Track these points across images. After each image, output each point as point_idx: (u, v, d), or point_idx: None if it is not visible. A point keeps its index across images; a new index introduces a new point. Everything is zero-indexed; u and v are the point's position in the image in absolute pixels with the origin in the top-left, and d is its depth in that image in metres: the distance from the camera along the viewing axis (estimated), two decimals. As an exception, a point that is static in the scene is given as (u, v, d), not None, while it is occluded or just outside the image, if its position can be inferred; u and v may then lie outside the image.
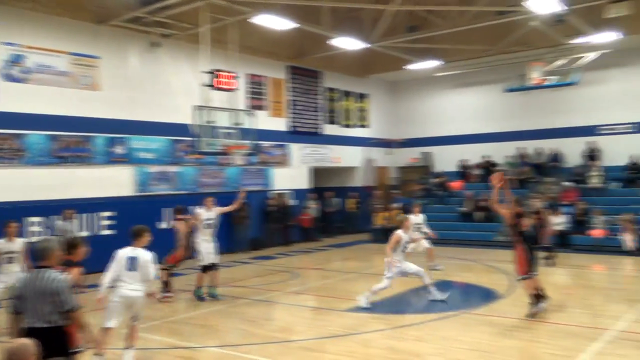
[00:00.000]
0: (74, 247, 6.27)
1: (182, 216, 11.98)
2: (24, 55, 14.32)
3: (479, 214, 20.33)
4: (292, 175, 21.87)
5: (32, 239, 11.98)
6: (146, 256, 7.28)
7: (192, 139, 14.52)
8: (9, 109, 14.06)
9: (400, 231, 10.38)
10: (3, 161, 13.92)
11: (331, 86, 23.86)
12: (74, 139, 15.18)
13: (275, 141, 21.03)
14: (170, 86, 15.89)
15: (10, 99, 14.04)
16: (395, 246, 10.28)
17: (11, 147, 14.10)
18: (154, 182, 17.05)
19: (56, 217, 13.41)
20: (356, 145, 24.91)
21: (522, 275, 9.45)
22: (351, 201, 23.70)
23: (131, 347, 7.35)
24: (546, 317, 9.34)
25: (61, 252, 5.50)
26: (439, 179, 23.32)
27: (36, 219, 13.93)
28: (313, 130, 22.87)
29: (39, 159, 14.52)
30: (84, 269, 7.61)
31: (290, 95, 21.85)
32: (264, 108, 20.52)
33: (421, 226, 14.03)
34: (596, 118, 21.50)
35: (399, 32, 20.02)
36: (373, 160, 25.73)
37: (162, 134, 17.25)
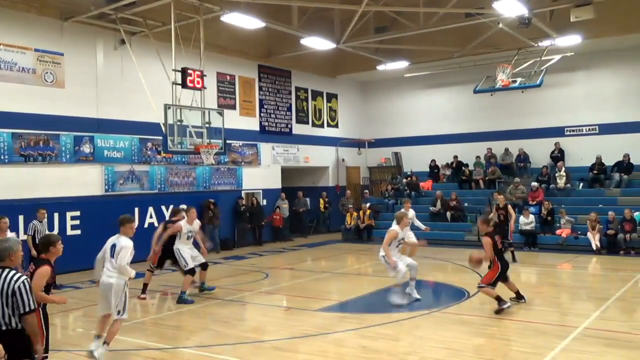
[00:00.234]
0: (48, 245, 6.11)
1: (175, 218, 11.86)
2: (-14, 51, 13.94)
3: (449, 214, 20.52)
4: (262, 175, 21.75)
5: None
6: (123, 243, 7.43)
7: (161, 137, 14.32)
8: (-29, 106, 13.67)
9: (397, 227, 10.40)
10: (-36, 160, 13.54)
11: (301, 86, 23.81)
12: (38, 137, 14.81)
13: (245, 140, 20.89)
14: (138, 84, 15.60)
15: (-28, 95, 13.65)
16: (392, 242, 10.32)
17: (-27, 146, 13.71)
18: (122, 181, 16.75)
19: (22, 217, 13.08)
20: (326, 145, 24.91)
21: (484, 284, 9.70)
22: (322, 201, 23.68)
23: (101, 338, 7.35)
24: (516, 315, 9.47)
25: (22, 252, 5.34)
26: (409, 178, 23.47)
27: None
28: (283, 130, 22.79)
29: (1, 157, 14.11)
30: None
31: (260, 94, 21.73)
32: (234, 107, 20.38)
33: (412, 221, 14.01)
34: (562, 119, 21.93)
35: (368, 32, 20.13)
36: (343, 160, 25.79)
37: (131, 133, 16.96)
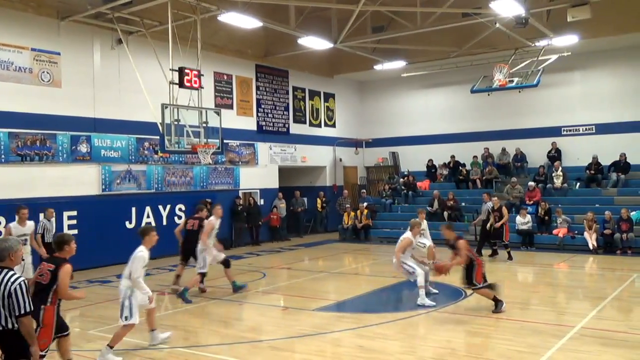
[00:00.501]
0: (63, 244, 6.13)
1: (198, 215, 12.32)
2: (-17, 51, 13.91)
3: (446, 214, 20.53)
4: (260, 174, 21.73)
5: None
6: (135, 253, 7.54)
7: (158, 137, 14.30)
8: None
9: (410, 235, 10.58)
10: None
11: (298, 85, 23.81)
12: (35, 137, 14.79)
13: (243, 140, 20.88)
14: (135, 84, 15.58)
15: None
16: (406, 249, 10.53)
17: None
18: (119, 181, 16.73)
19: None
20: (323, 145, 24.91)
21: (479, 284, 9.72)
22: (319, 201, 23.69)
23: (155, 330, 7.96)
24: (512, 315, 9.48)
25: (22, 252, 5.35)
26: (406, 178, 23.47)
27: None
28: (280, 130, 22.79)
29: (-2, 157, 14.12)
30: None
31: (257, 94, 21.73)
32: (231, 107, 20.38)
33: (425, 232, 14.18)
34: (559, 119, 21.96)
35: (365, 32, 20.13)
36: (341, 160, 25.80)
37: (128, 133, 16.92)
